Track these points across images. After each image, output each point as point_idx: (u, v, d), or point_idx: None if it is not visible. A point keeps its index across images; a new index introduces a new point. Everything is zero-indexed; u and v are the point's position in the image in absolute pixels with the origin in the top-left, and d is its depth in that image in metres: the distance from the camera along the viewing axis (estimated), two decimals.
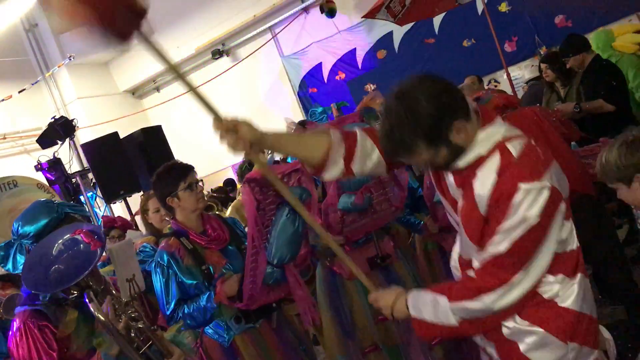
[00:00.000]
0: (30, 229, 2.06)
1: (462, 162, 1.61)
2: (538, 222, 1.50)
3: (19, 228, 2.09)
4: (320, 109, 3.45)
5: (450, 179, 1.70)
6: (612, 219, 4.43)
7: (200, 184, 2.78)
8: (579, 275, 1.65)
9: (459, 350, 3.11)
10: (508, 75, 5.33)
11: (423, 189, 3.36)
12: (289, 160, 3.56)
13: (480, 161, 1.59)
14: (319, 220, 2.96)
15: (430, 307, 1.68)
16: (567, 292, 1.61)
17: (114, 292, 2.07)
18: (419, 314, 1.71)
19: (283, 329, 2.83)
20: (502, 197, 1.53)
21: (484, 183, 1.56)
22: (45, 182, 6.36)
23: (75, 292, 2.00)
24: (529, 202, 1.50)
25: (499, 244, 1.55)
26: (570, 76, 4.58)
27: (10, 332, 2.01)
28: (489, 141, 1.59)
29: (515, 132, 1.63)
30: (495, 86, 7.33)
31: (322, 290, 3.16)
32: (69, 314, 2.01)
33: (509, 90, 5.20)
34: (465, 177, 1.62)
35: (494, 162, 1.56)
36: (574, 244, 1.65)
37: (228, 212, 4.64)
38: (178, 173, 2.72)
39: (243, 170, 4.85)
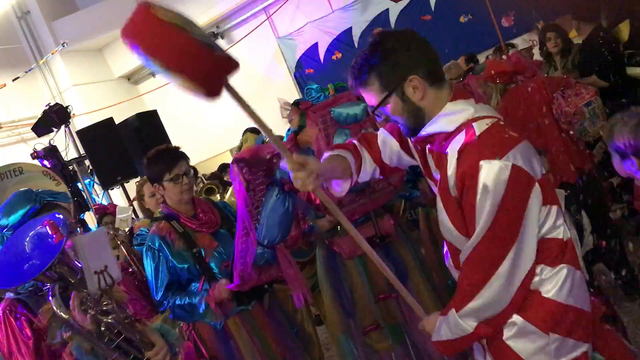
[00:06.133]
0: (8, 220, 2.05)
1: (425, 130, 1.61)
2: (505, 201, 1.45)
3: None
4: (315, 86, 3.38)
5: (431, 162, 1.68)
6: (604, 196, 4.39)
7: (189, 174, 2.73)
8: (564, 266, 1.55)
9: None
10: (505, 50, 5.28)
11: None
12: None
13: (447, 139, 1.57)
14: (316, 201, 2.94)
15: (445, 325, 1.65)
16: (549, 282, 1.54)
17: None
18: (439, 336, 1.68)
19: (275, 311, 2.84)
20: (465, 177, 1.50)
21: (450, 163, 1.55)
22: None
23: (48, 284, 1.96)
24: (492, 180, 1.45)
25: (476, 234, 1.51)
26: (570, 47, 4.55)
27: None
28: (456, 118, 1.56)
29: (486, 112, 1.58)
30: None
31: (323, 271, 3.15)
32: (47, 304, 1.99)
33: None
34: (440, 158, 1.60)
35: (459, 141, 1.53)
36: (560, 233, 1.56)
37: (228, 195, 4.63)
38: (164, 163, 2.70)
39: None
